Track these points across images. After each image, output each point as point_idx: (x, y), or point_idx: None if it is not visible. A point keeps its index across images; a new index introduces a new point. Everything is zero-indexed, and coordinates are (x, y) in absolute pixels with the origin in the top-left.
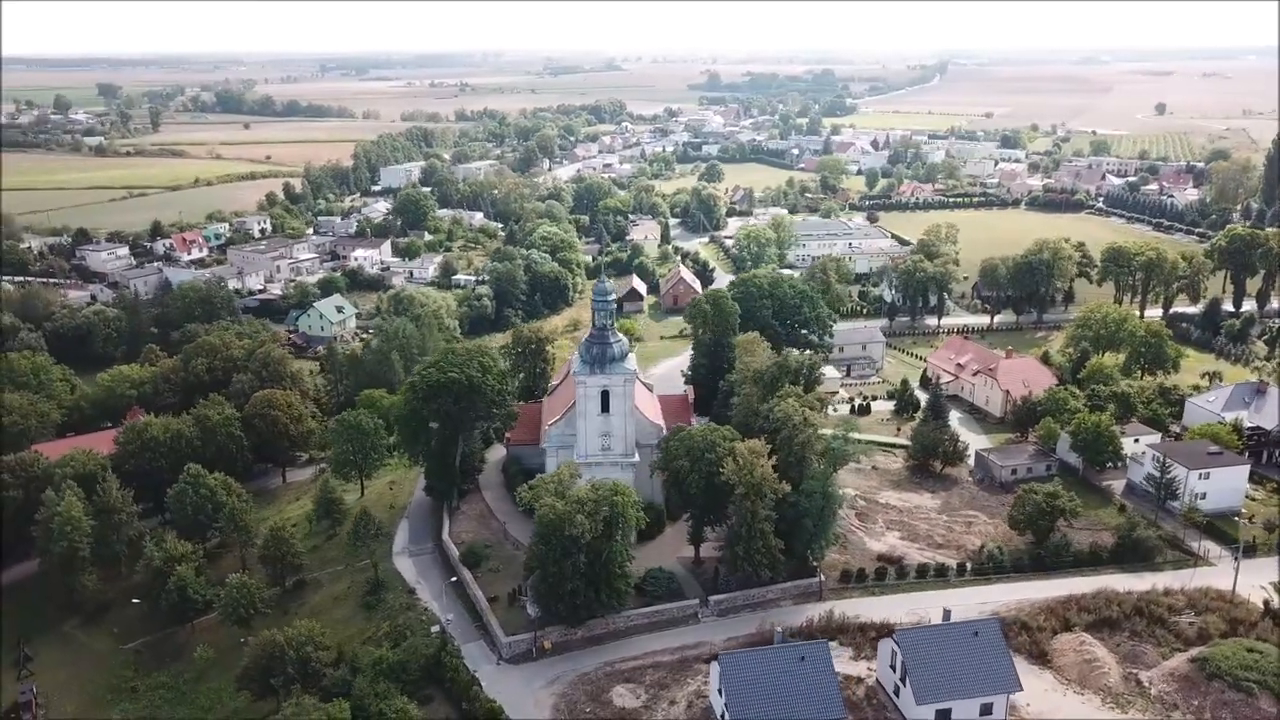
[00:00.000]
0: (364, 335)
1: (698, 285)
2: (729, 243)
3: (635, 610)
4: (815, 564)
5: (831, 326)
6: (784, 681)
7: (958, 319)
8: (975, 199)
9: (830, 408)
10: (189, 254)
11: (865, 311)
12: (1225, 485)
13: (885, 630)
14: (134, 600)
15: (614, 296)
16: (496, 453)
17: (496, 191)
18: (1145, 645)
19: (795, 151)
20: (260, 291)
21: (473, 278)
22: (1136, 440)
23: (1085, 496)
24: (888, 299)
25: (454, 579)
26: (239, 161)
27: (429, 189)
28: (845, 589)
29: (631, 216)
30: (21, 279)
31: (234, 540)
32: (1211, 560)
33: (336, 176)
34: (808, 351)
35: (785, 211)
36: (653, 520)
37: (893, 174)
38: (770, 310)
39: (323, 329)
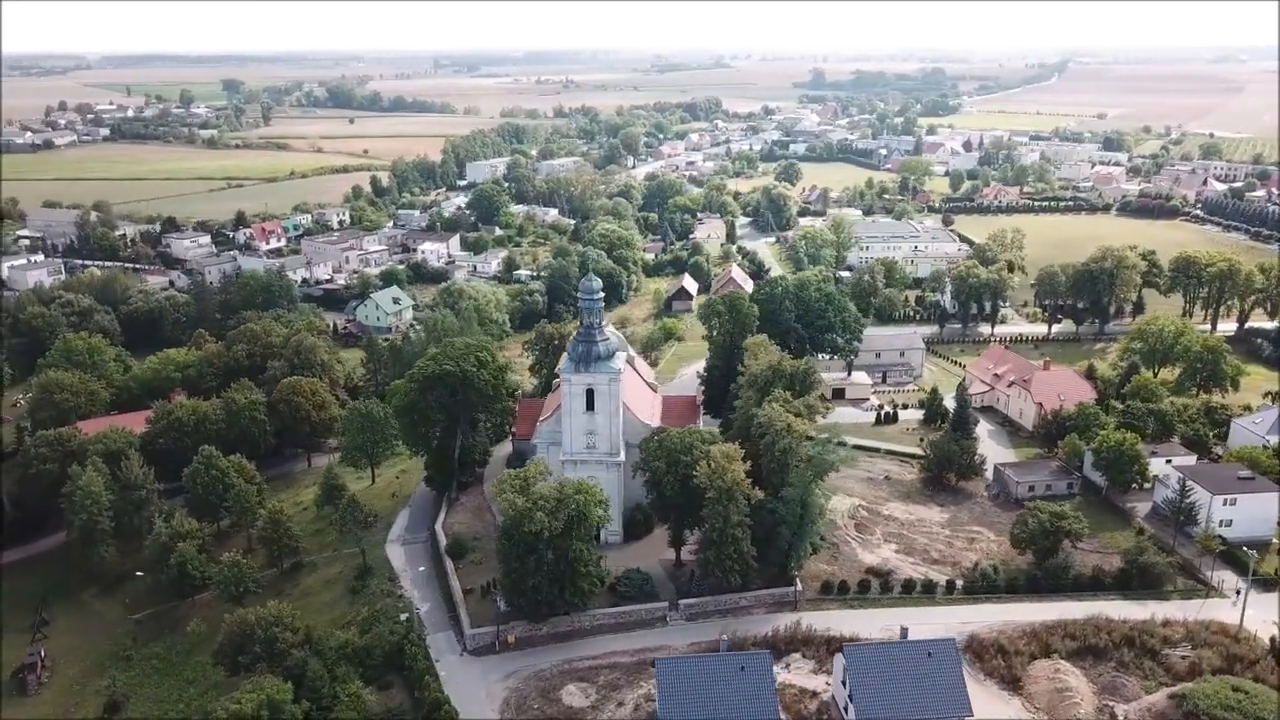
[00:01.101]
0: (417, 327)
1: (749, 285)
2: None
3: (602, 610)
4: (795, 573)
5: (860, 331)
6: (721, 689)
7: (1014, 327)
8: (1063, 203)
9: (820, 416)
10: (267, 243)
11: (918, 317)
12: (1254, 513)
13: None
14: (137, 573)
15: (600, 295)
16: (506, 448)
17: (573, 189)
18: (1129, 677)
19: (883, 151)
20: (327, 281)
21: (532, 273)
22: (1169, 461)
23: (1105, 518)
24: (945, 305)
25: (422, 568)
26: (338, 155)
27: (510, 184)
28: (824, 600)
29: (699, 215)
30: (109, 264)
31: (243, 521)
32: (1226, 592)
33: (424, 171)
34: (823, 356)
35: (859, 212)
36: (641, 521)
37: (980, 176)
38: (793, 313)
39: (379, 319)
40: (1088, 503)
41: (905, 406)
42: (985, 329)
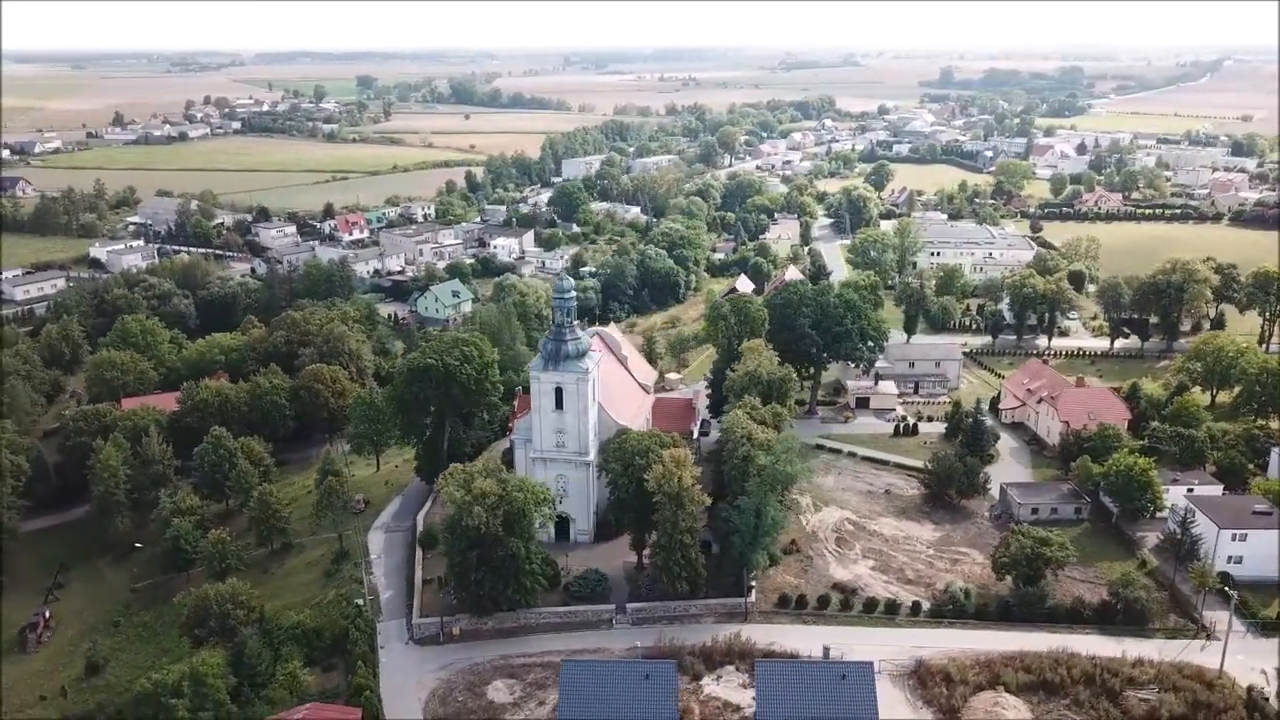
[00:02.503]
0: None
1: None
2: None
3: (550, 608)
4: (751, 584)
5: (882, 339)
6: (623, 696)
7: (1074, 341)
8: (1170, 211)
9: (789, 425)
10: (350, 234)
11: (974, 327)
12: (1266, 551)
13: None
14: (136, 545)
15: (572, 294)
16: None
17: (658, 187)
18: (1079, 717)
19: (989, 154)
20: (398, 273)
21: (593, 270)
22: (1191, 490)
23: (1110, 547)
24: (1006, 315)
25: (371, 557)
26: (446, 150)
27: (602, 181)
28: (778, 614)
29: (776, 215)
30: (200, 250)
31: (245, 501)
32: (1220, 634)
33: (521, 167)
34: (848, 366)
35: (943, 216)
36: (612, 522)
37: (1084, 181)
38: (809, 319)
39: (437, 311)
40: (1096, 530)
41: (930, 419)
42: (1043, 341)
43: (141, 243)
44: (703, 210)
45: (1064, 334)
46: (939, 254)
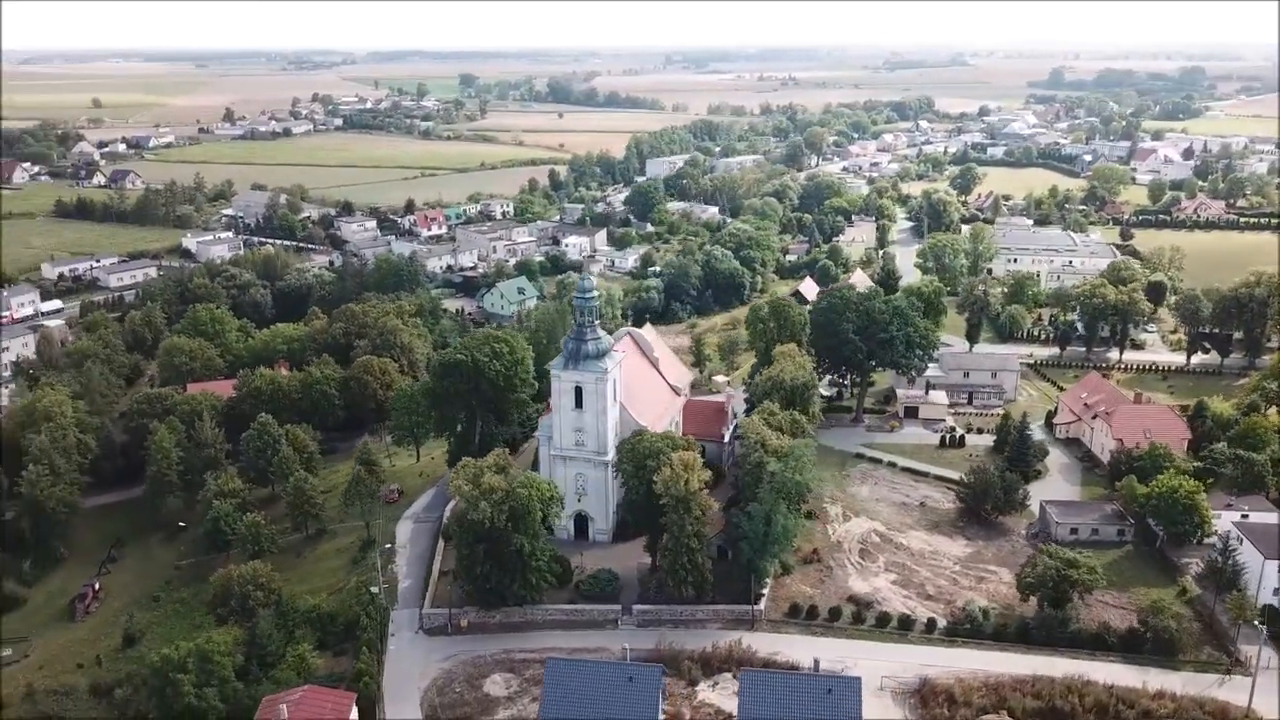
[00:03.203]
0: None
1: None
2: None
3: (556, 606)
4: (762, 592)
5: (930, 348)
6: (606, 697)
7: (1149, 355)
8: (1277, 220)
9: (808, 433)
10: (428, 230)
11: (1042, 337)
12: None
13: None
14: (180, 524)
15: (594, 295)
16: None
17: (738, 187)
18: None
19: (1087, 158)
20: (470, 269)
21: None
22: (1245, 516)
23: (1151, 573)
24: (1079, 326)
25: (388, 545)
26: (535, 148)
27: (683, 181)
28: (786, 623)
29: (853, 218)
30: (284, 242)
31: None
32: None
33: (606, 166)
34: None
35: (1028, 221)
36: (631, 522)
37: (1186, 187)
38: (853, 325)
39: (503, 307)
40: (1138, 554)
41: (980, 431)
42: (1115, 354)
43: (230, 234)
44: (777, 211)
45: (1138, 347)
46: (1015, 261)
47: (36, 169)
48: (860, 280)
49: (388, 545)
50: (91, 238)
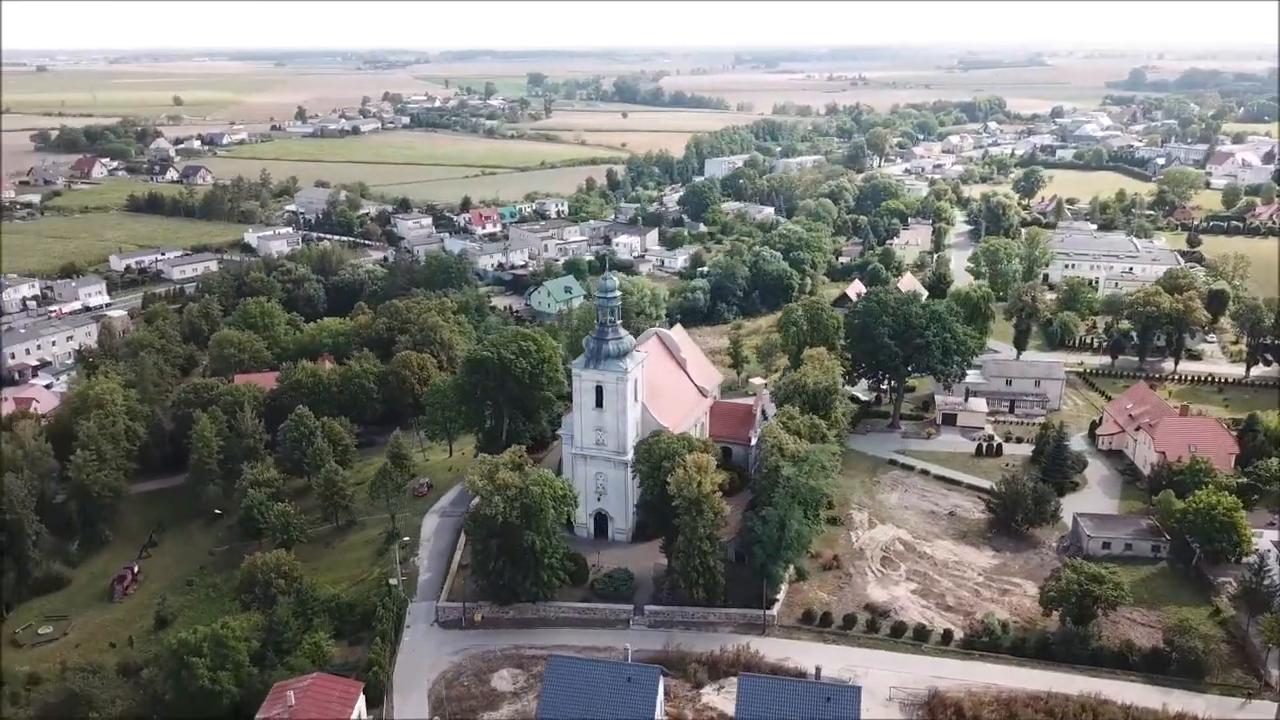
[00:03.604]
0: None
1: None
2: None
3: (569, 604)
4: (776, 598)
5: (969, 354)
6: (604, 697)
7: (1206, 365)
8: None
9: (828, 438)
10: (482, 228)
11: (1094, 345)
12: None
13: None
14: (216, 511)
15: (615, 295)
16: None
17: (796, 188)
18: None
19: (1160, 161)
20: (520, 267)
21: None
22: None
23: (1185, 591)
24: (1135, 335)
25: (406, 539)
26: (597, 148)
27: (740, 181)
28: (799, 629)
29: (911, 221)
30: (342, 238)
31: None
32: None
33: (664, 166)
34: (934, 382)
35: (1091, 226)
36: (651, 523)
37: (1264, 192)
38: (888, 329)
39: (549, 305)
40: (1173, 571)
41: (1019, 440)
42: (1170, 365)
43: (290, 230)
44: (831, 212)
45: (1195, 357)
46: (1073, 266)
47: (115, 164)
48: (909, 284)
49: (405, 539)
50: (160, 232)
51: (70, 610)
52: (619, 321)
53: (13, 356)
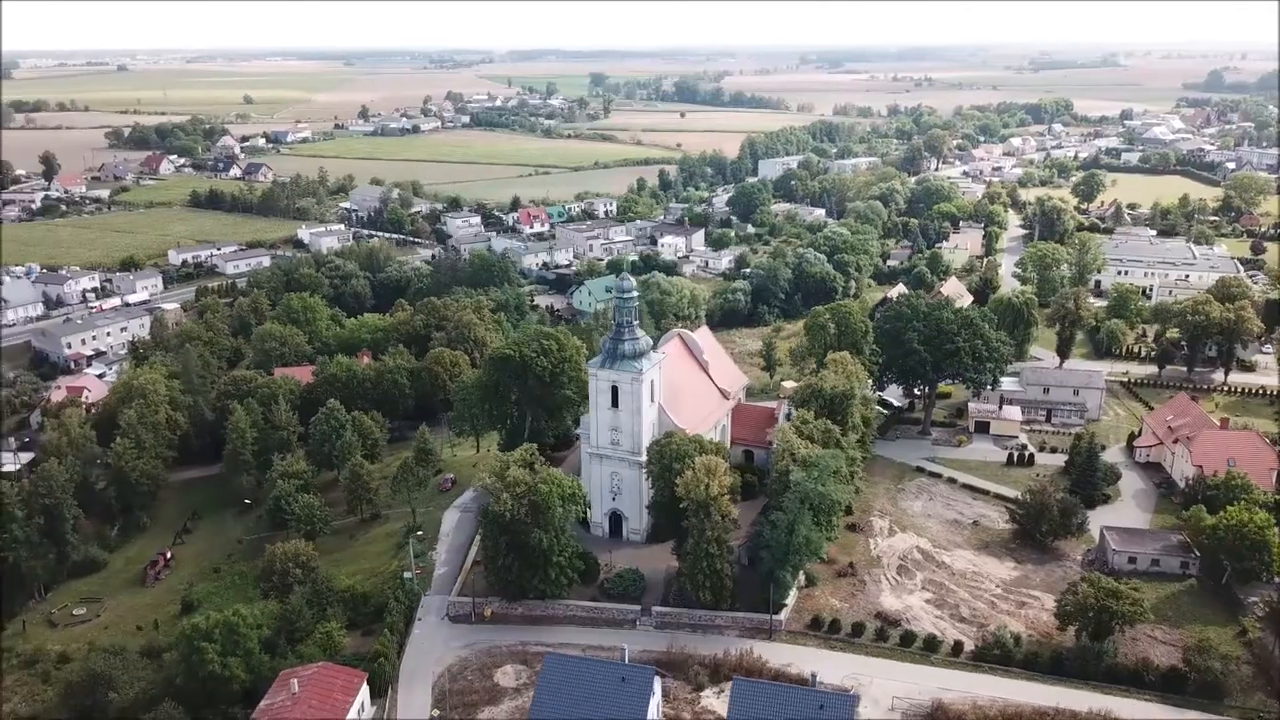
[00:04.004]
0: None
1: (961, 302)
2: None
3: (577, 602)
4: (785, 603)
5: (1002, 361)
6: (597, 695)
7: (1258, 377)
8: None
9: (840, 443)
10: (530, 227)
11: (1143, 354)
12: None
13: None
14: (246, 501)
15: (633, 295)
16: None
17: (848, 190)
18: None
19: (1230, 165)
20: (565, 266)
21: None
22: None
23: (1212, 610)
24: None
25: (419, 533)
26: (653, 147)
27: (792, 182)
28: (806, 636)
29: (963, 224)
30: (392, 236)
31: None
32: None
33: (716, 166)
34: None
35: (1151, 232)
36: (663, 523)
37: None
38: (918, 335)
39: (590, 305)
40: (1202, 589)
41: (1054, 450)
42: (1220, 376)
43: (342, 227)
44: (881, 215)
45: (1248, 369)
46: (1126, 273)
47: (182, 161)
48: (953, 289)
49: (420, 532)
50: (218, 227)
51: (104, 593)
52: (636, 322)
53: (69, 346)
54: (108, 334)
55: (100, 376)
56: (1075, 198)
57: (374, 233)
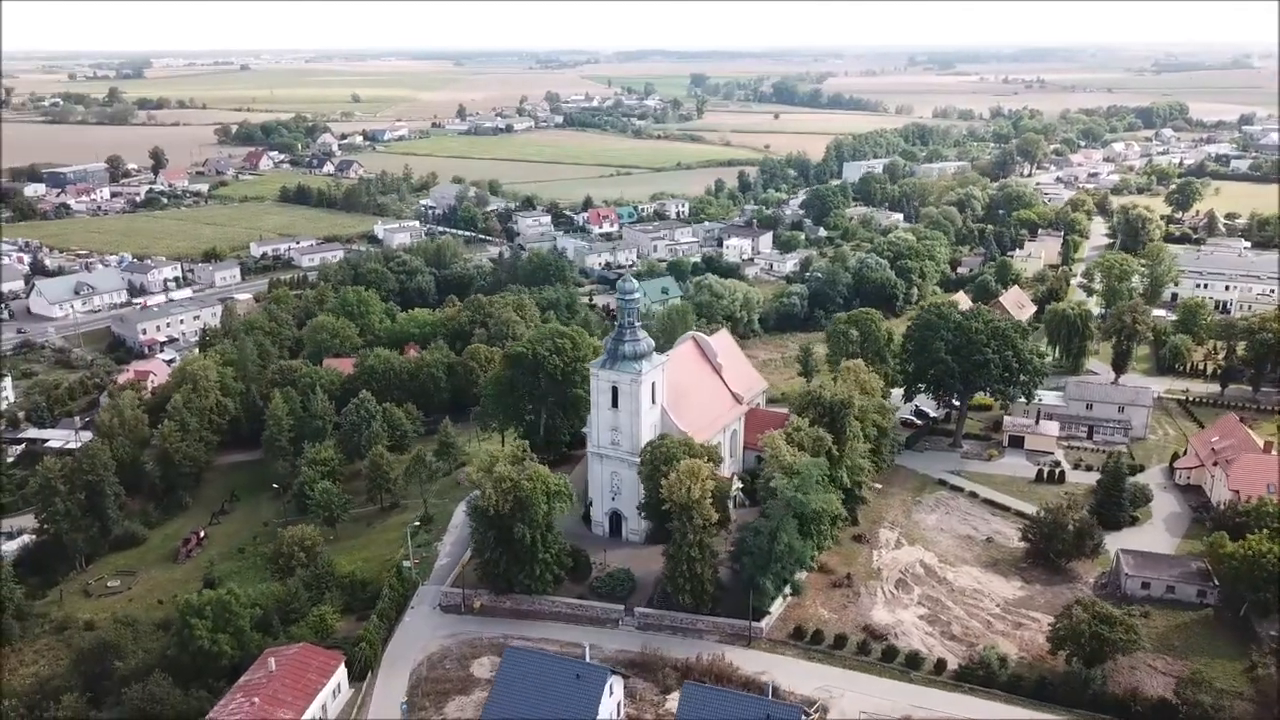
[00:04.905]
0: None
1: (1022, 312)
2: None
3: (563, 599)
4: (768, 610)
5: (1035, 374)
6: (551, 690)
7: None
8: None
9: (838, 452)
10: (599, 227)
11: (1206, 372)
12: None
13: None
14: (274, 485)
15: (635, 296)
16: None
17: (929, 194)
18: None
19: None
20: (628, 266)
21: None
22: None
23: (1225, 642)
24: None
25: (416, 523)
26: (741, 149)
27: (870, 186)
28: (786, 645)
29: (1042, 232)
30: (464, 233)
31: None
32: None
33: (799, 168)
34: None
35: (1244, 244)
36: (657, 524)
37: None
38: (945, 344)
39: (644, 305)
40: (1218, 619)
41: (1089, 468)
42: None
43: (416, 224)
44: (955, 220)
45: None
46: (1206, 286)
47: (281, 157)
48: (1014, 299)
49: (415, 523)
50: (301, 221)
51: (139, 567)
52: (638, 324)
53: (143, 332)
54: (180, 321)
55: (169, 362)
56: (1169, 206)
57: (447, 230)
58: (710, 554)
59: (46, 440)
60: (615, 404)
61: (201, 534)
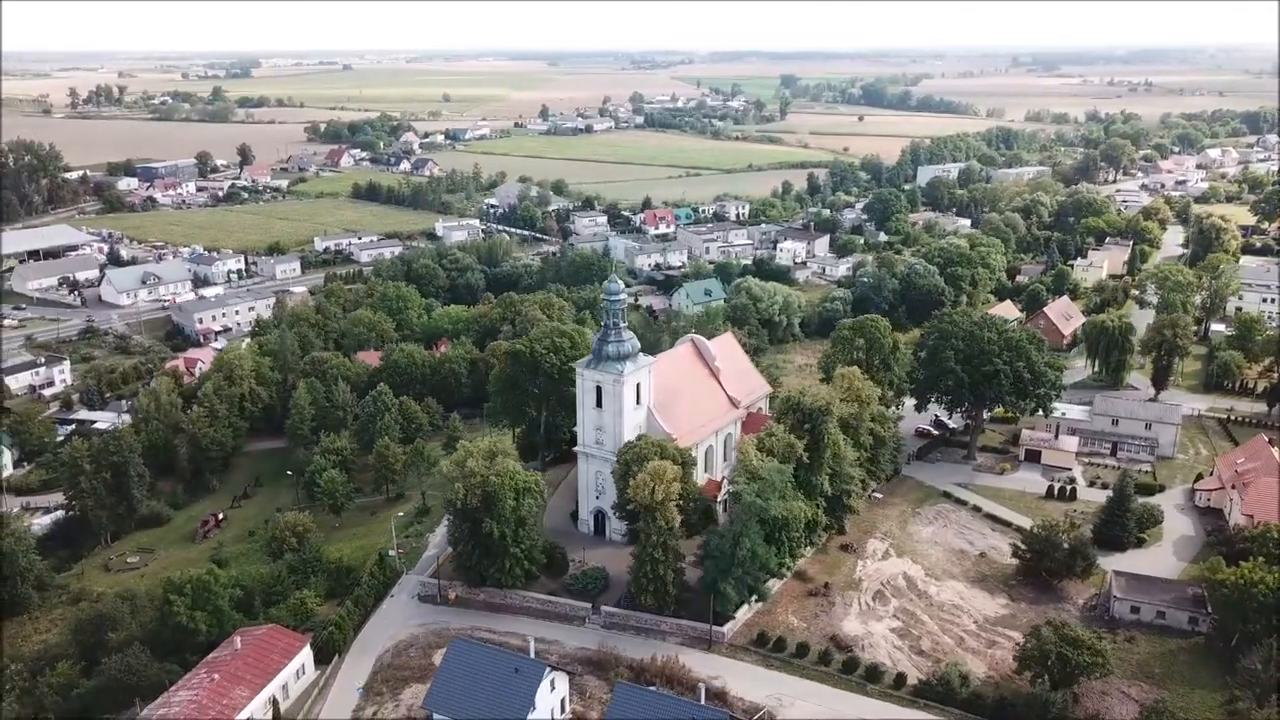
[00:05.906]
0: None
1: (1068, 323)
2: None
3: (533, 594)
4: (732, 615)
5: (1053, 388)
6: (490, 682)
7: None
8: None
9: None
10: (655, 228)
11: (1255, 390)
12: None
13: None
14: (288, 472)
15: (620, 297)
16: None
17: (999, 200)
18: None
19: None
20: (678, 268)
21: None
22: None
23: (1210, 672)
24: None
25: (400, 514)
26: (818, 150)
27: (940, 190)
28: (747, 650)
29: (1109, 241)
30: (521, 232)
31: None
32: None
33: (872, 171)
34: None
35: None
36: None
37: None
38: (956, 355)
39: (687, 306)
40: (1209, 649)
41: (1105, 486)
42: None
43: (476, 222)
44: (1017, 227)
45: None
46: (1272, 300)
47: (362, 155)
48: (1061, 309)
49: (400, 514)
50: (368, 217)
51: (160, 545)
52: (623, 325)
53: (200, 322)
54: (236, 312)
55: (220, 351)
56: (1254, 215)
57: (505, 228)
58: (675, 556)
59: (95, 422)
60: (600, 404)
61: (220, 516)
